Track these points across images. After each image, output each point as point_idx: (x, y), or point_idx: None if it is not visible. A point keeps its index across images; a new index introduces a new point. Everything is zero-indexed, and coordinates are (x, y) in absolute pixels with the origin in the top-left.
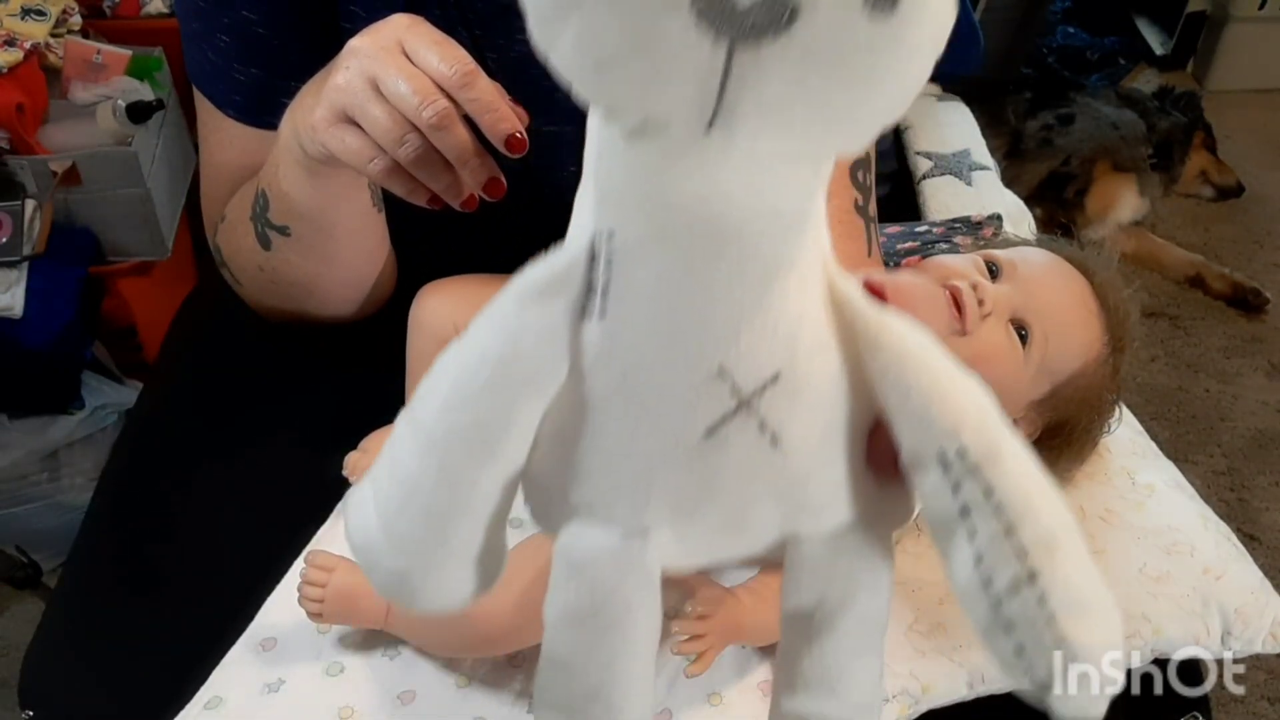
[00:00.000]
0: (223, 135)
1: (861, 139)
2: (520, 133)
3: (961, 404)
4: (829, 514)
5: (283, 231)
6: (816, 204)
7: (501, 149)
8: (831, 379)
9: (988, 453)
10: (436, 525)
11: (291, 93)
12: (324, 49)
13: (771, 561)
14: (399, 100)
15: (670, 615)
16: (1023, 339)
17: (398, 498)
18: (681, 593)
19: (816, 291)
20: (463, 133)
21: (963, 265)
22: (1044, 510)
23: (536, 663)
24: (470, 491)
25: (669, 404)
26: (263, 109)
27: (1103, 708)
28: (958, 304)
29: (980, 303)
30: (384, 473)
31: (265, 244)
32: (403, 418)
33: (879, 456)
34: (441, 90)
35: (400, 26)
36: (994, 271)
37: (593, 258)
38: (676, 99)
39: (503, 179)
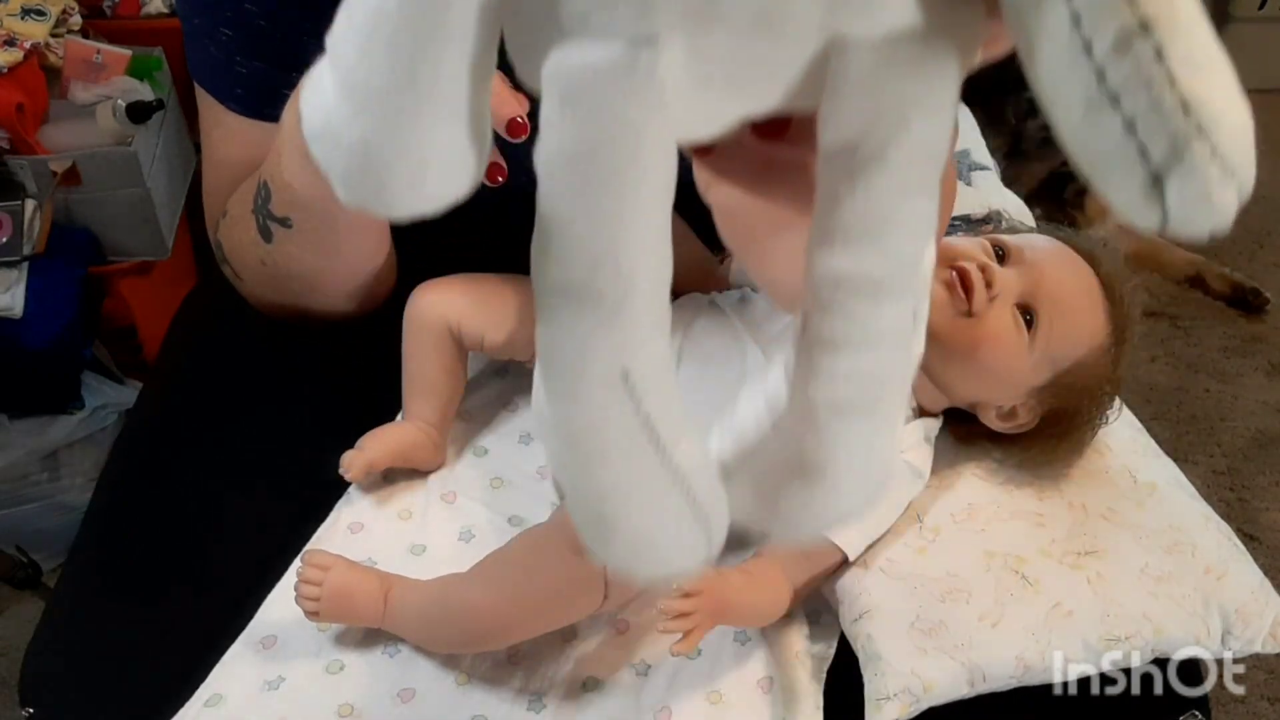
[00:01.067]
0: (225, 130)
1: None
2: (522, 117)
3: None
4: (884, 5)
5: (284, 223)
6: None
7: (503, 133)
8: None
9: None
10: (403, 60)
11: (294, 85)
12: (324, 40)
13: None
14: None
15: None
16: (1028, 324)
17: (356, 42)
18: None
19: None
20: None
21: (970, 247)
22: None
23: (536, 660)
24: (442, 10)
25: None
26: (265, 102)
27: (1225, 213)
28: (965, 285)
29: (988, 284)
30: (341, 26)
31: (267, 236)
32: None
33: None
34: None
35: None
36: (1001, 256)
37: None
38: None
39: (503, 163)
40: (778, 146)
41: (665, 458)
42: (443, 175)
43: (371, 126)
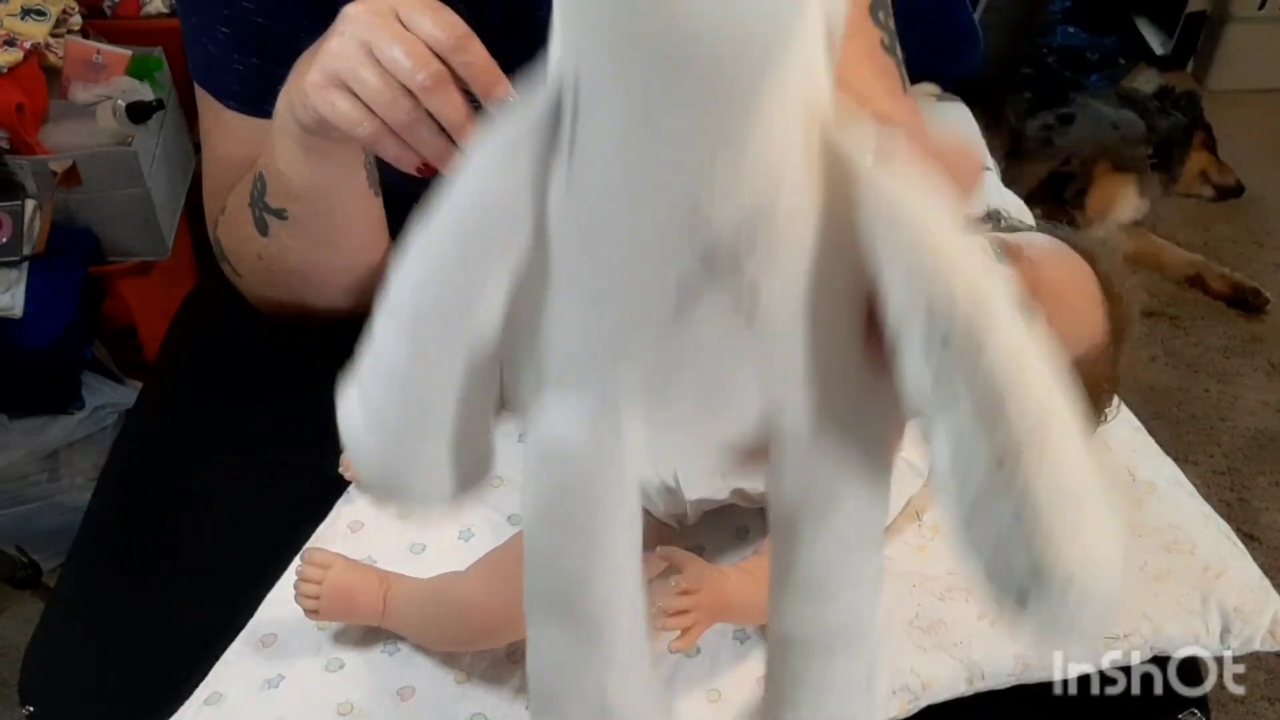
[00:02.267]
0: (223, 128)
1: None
2: (514, 95)
3: (953, 271)
4: (815, 392)
5: (280, 215)
6: (803, 41)
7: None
8: (816, 229)
9: (976, 328)
10: (414, 408)
11: None
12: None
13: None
14: (392, 64)
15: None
16: None
17: (378, 386)
18: (668, 569)
19: (803, 134)
20: (456, 95)
21: None
22: (1034, 395)
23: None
24: (444, 368)
25: (638, 252)
26: (262, 98)
27: (1091, 627)
28: None
29: None
30: (366, 364)
31: (263, 229)
32: (380, 306)
33: (873, 340)
34: (435, 54)
35: None
36: (999, 254)
37: (558, 103)
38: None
39: None
40: None
41: None
42: (444, 481)
43: (391, 456)
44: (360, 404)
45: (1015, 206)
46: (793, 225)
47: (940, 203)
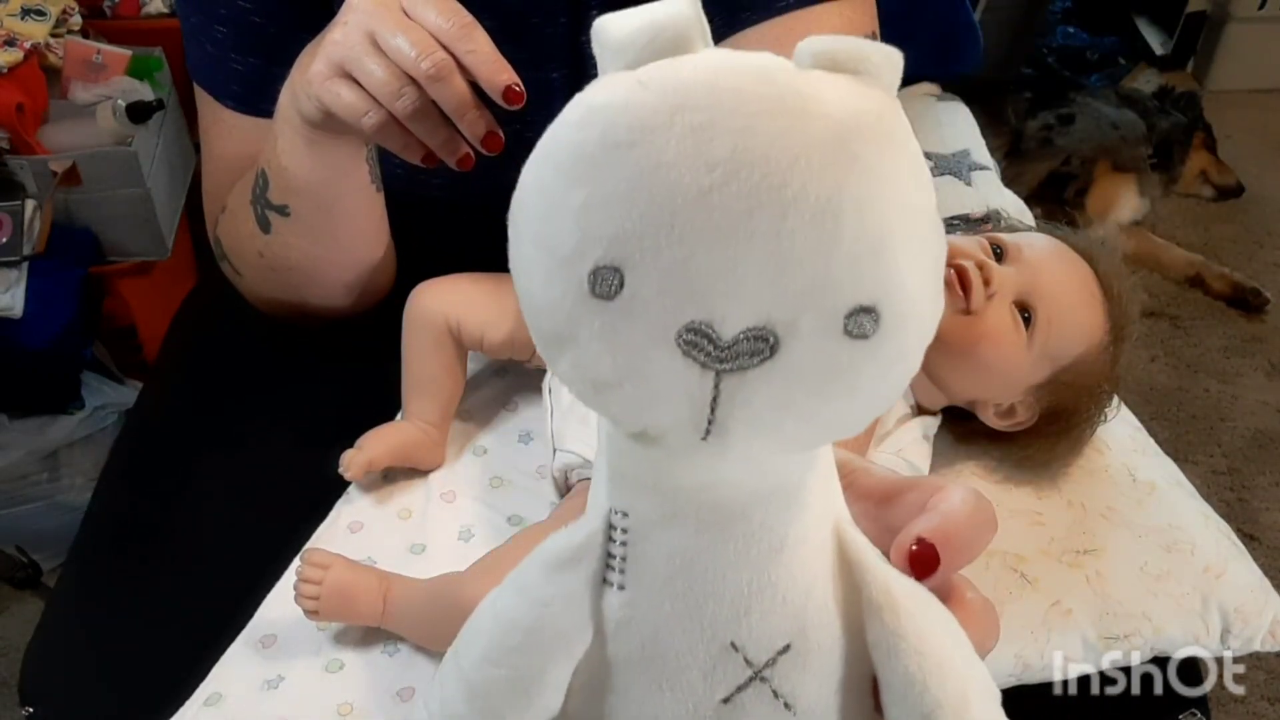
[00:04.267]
0: (222, 127)
1: (852, 433)
2: (518, 84)
3: (944, 693)
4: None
5: (282, 211)
6: (818, 471)
7: (500, 101)
8: (841, 645)
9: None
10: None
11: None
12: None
13: None
14: (396, 54)
15: None
16: (1026, 322)
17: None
18: None
19: (826, 559)
20: (461, 84)
21: (969, 246)
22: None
23: None
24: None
25: (686, 672)
26: (261, 97)
27: None
28: (963, 283)
29: (986, 282)
30: (436, 706)
31: (265, 227)
32: (449, 659)
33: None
34: (439, 43)
35: None
36: (999, 254)
37: (609, 533)
38: (670, 417)
39: (500, 133)
40: None
41: None
42: None
43: None
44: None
45: (1015, 206)
46: (823, 645)
47: (938, 619)
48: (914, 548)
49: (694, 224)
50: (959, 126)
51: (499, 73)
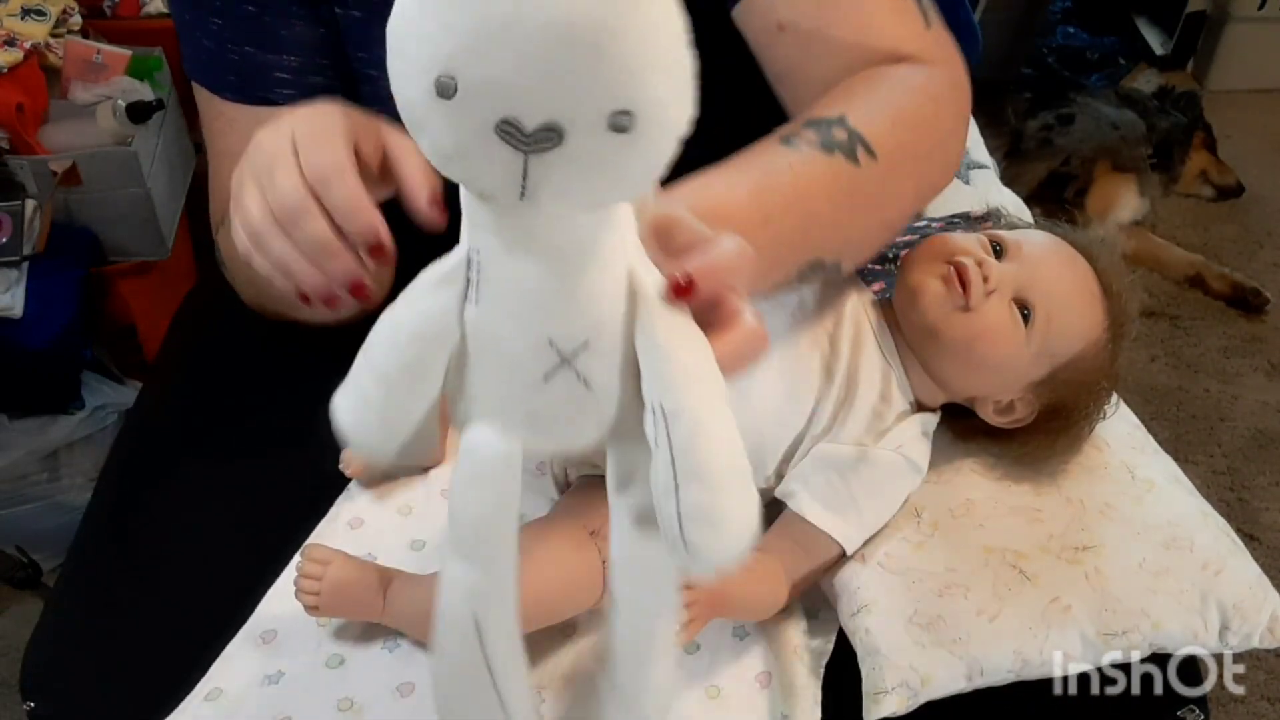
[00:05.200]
0: (223, 121)
1: (626, 199)
2: (383, 242)
3: (675, 379)
4: (624, 428)
5: None
6: (613, 223)
7: (364, 256)
8: (622, 343)
9: (678, 412)
10: (389, 423)
11: (284, 67)
12: (312, 21)
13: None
14: (271, 195)
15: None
16: (1025, 319)
17: (360, 407)
18: None
19: (619, 285)
20: (316, 227)
21: (968, 243)
22: (706, 456)
23: (535, 653)
24: (408, 403)
25: (518, 360)
26: (256, 85)
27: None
28: (962, 280)
29: (985, 279)
30: (351, 388)
31: None
32: (360, 358)
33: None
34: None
35: (299, 120)
36: (999, 251)
37: (468, 264)
38: (496, 183)
39: (366, 282)
40: None
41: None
42: (407, 450)
43: (374, 442)
44: (349, 410)
45: (1014, 206)
46: (610, 344)
47: (685, 334)
48: (675, 277)
49: (502, 46)
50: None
51: (356, 224)
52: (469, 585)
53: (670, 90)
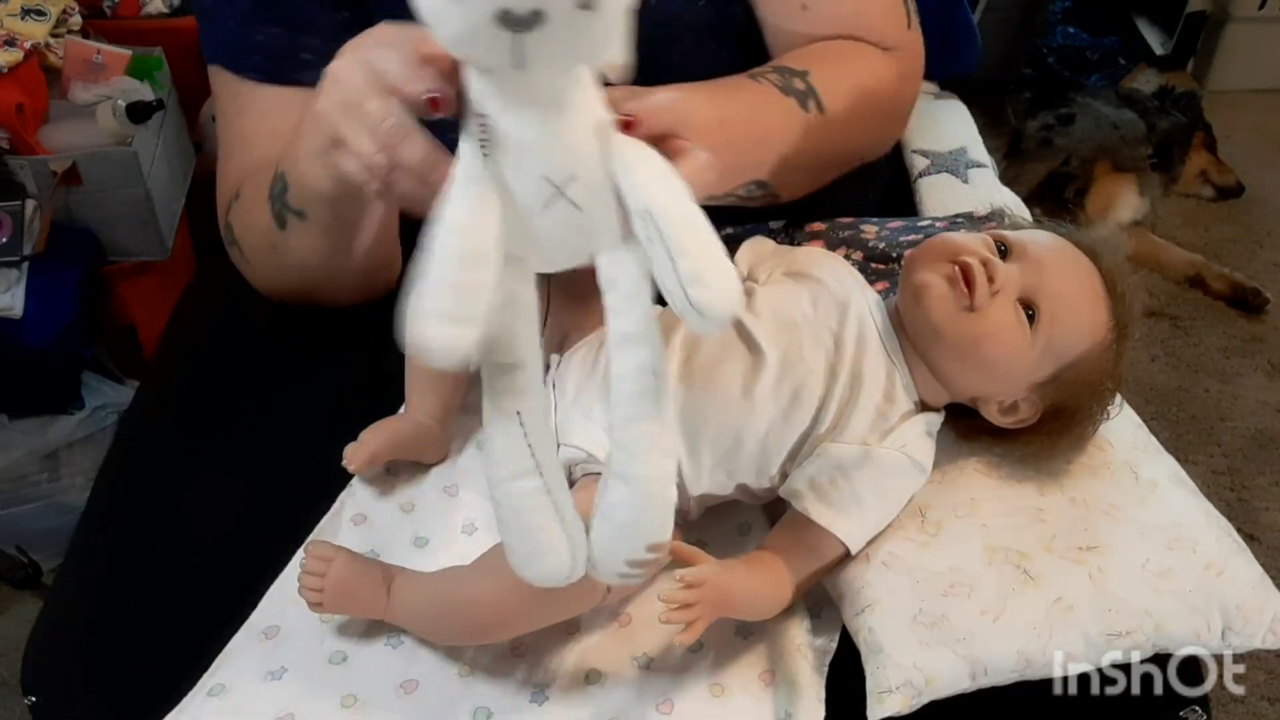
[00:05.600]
0: (243, 101)
1: (599, 59)
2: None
3: (651, 186)
4: (607, 240)
5: (300, 215)
6: (582, 83)
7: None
8: (603, 173)
9: (661, 209)
10: (467, 302)
11: (310, 49)
12: (337, 2)
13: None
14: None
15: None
16: (1030, 319)
17: (439, 294)
18: (673, 563)
19: (590, 133)
20: (419, 144)
21: (973, 243)
22: (688, 236)
23: (539, 652)
24: (482, 273)
25: (525, 192)
26: (282, 66)
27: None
28: (967, 280)
29: (990, 280)
30: (428, 282)
31: (281, 224)
32: (428, 250)
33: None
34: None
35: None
36: (1003, 251)
37: (479, 126)
38: (497, 58)
39: (442, 99)
40: None
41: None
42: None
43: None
44: (428, 304)
45: (1014, 206)
46: (591, 175)
47: (647, 155)
48: (622, 115)
49: None
50: (956, 124)
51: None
52: (509, 385)
53: None
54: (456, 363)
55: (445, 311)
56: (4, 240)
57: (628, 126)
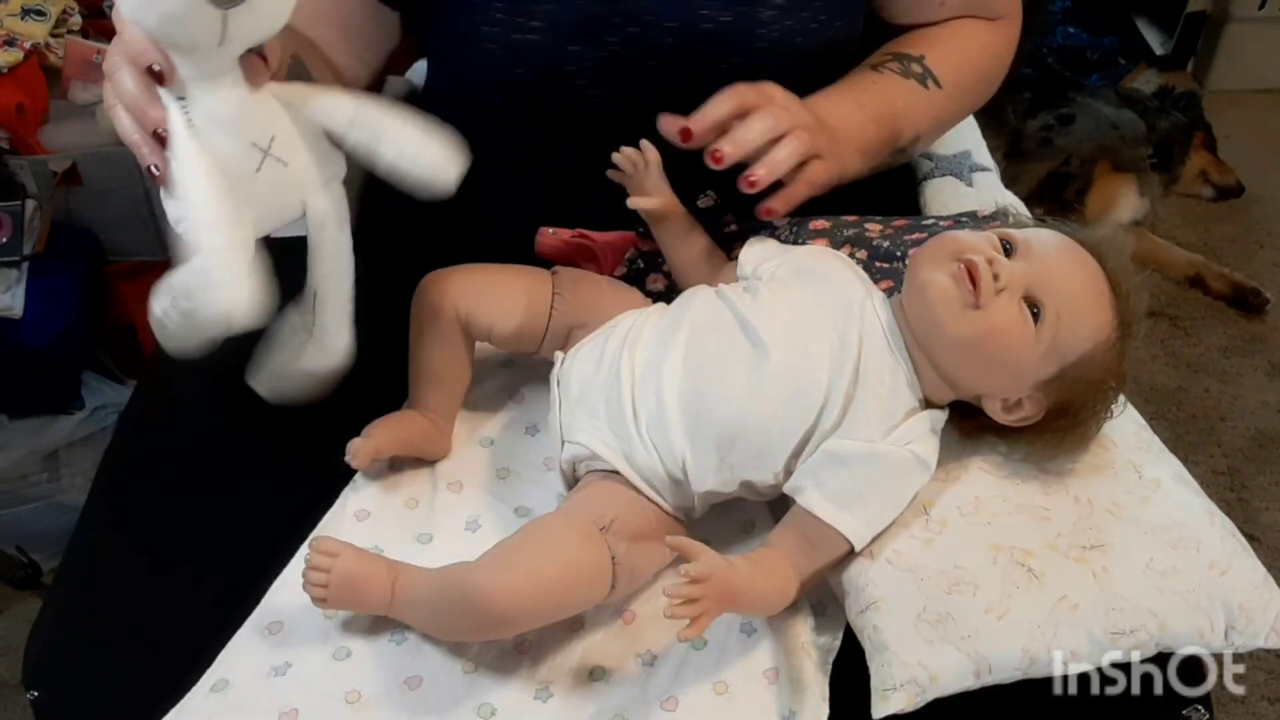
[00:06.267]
0: None
1: (278, 30)
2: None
3: (342, 103)
4: (311, 186)
5: None
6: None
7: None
8: (296, 128)
9: (363, 111)
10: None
11: None
12: None
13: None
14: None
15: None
16: (1035, 317)
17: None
18: (678, 558)
19: (270, 92)
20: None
21: (978, 241)
22: (390, 123)
23: (543, 648)
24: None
25: (237, 161)
26: None
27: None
28: (972, 277)
29: (995, 277)
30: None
31: None
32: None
33: None
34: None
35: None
36: (1008, 249)
37: (184, 108)
38: (203, 35)
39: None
40: None
41: None
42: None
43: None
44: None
45: (1015, 208)
46: (286, 133)
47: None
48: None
49: None
50: (960, 128)
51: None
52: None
53: None
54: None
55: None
56: (4, 240)
57: (717, 160)
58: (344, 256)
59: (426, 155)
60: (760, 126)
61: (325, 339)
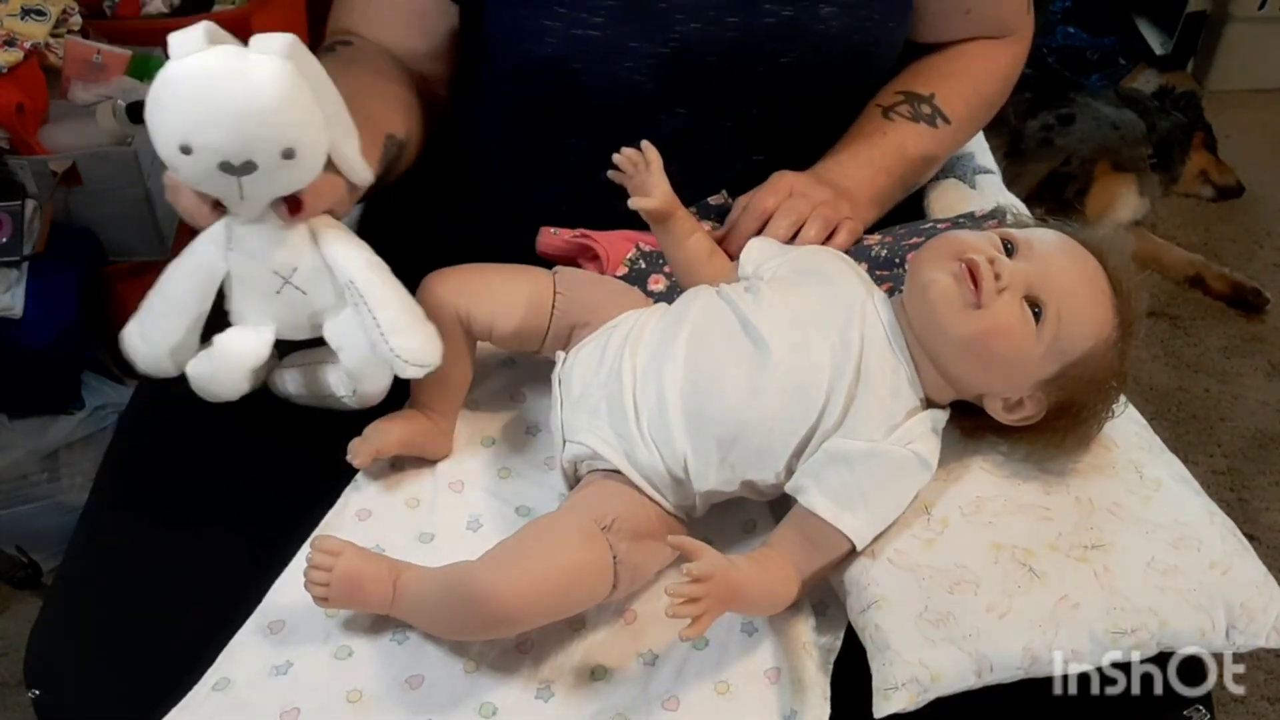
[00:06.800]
0: None
1: (302, 188)
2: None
3: (348, 264)
4: (330, 313)
5: None
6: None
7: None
8: (318, 262)
9: (363, 280)
10: (167, 334)
11: None
12: None
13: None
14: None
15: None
16: (1036, 316)
17: (148, 322)
18: (679, 557)
19: (303, 231)
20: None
21: (979, 240)
22: (381, 293)
23: (544, 648)
24: (184, 317)
25: (260, 283)
26: None
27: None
28: (973, 276)
29: (996, 277)
30: (143, 313)
31: None
32: (155, 289)
33: None
34: None
35: None
36: (1010, 249)
37: (228, 229)
38: (225, 194)
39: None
40: None
41: None
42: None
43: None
44: (138, 330)
45: (1016, 209)
46: (309, 265)
47: (346, 238)
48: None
49: (214, 126)
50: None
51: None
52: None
53: (313, 134)
54: (147, 370)
55: (147, 337)
56: (4, 240)
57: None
58: (369, 364)
59: (414, 335)
60: (785, 223)
61: (364, 396)
